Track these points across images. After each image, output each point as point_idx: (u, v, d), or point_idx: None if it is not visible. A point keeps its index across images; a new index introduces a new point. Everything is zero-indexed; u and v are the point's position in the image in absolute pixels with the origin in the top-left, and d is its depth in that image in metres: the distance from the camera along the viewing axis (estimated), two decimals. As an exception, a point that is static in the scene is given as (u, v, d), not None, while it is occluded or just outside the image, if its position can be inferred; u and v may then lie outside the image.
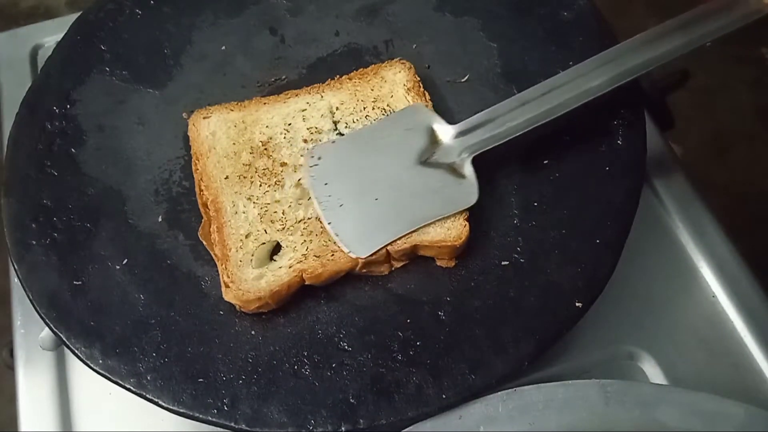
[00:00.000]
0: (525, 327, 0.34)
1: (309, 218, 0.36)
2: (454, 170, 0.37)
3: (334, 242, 0.35)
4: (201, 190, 0.38)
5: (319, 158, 0.38)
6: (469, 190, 0.36)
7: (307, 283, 0.35)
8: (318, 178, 0.37)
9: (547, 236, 0.36)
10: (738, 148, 1.00)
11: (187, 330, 0.35)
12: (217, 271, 0.36)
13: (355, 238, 0.35)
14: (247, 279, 0.35)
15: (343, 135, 0.39)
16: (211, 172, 0.38)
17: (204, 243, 0.37)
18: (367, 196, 0.36)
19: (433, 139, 0.38)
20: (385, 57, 0.43)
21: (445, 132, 0.38)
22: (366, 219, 0.36)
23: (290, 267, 0.35)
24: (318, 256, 0.35)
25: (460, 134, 0.38)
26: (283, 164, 0.38)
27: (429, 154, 0.37)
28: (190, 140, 0.39)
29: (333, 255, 0.35)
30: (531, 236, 0.37)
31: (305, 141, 0.39)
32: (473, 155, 0.37)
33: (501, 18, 0.44)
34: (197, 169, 0.38)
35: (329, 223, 0.36)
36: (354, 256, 0.35)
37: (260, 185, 0.37)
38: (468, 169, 0.37)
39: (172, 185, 0.40)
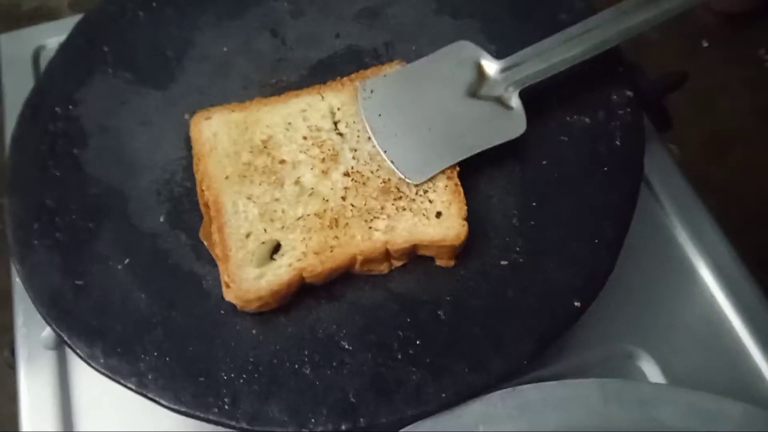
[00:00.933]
0: (524, 326, 0.34)
1: (308, 215, 0.37)
2: (502, 103, 0.38)
3: (334, 238, 0.36)
4: (202, 191, 0.38)
5: (372, 91, 0.39)
6: (517, 121, 0.38)
7: (307, 281, 0.35)
8: (371, 109, 0.39)
9: (546, 236, 0.37)
10: (736, 148, 1.00)
11: (188, 329, 0.35)
12: (219, 270, 0.36)
13: (411, 165, 0.37)
14: (248, 278, 0.35)
15: (342, 134, 0.39)
16: (212, 172, 0.38)
17: (205, 243, 0.37)
18: (420, 127, 0.38)
19: (481, 74, 0.39)
20: (385, 59, 0.44)
21: (492, 67, 0.39)
22: (420, 147, 0.38)
23: (290, 265, 0.35)
24: (317, 253, 0.35)
25: (506, 69, 0.39)
26: (282, 161, 0.38)
27: (477, 88, 0.39)
28: (192, 141, 0.40)
29: (332, 251, 0.35)
30: (530, 236, 0.37)
31: (305, 138, 0.39)
32: (520, 89, 0.38)
33: (500, 20, 0.44)
34: (198, 170, 0.39)
35: (385, 151, 0.37)
36: (410, 181, 0.36)
37: (260, 183, 0.38)
38: (515, 101, 0.38)
39: (173, 185, 0.40)
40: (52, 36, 0.51)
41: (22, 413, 0.38)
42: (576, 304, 0.34)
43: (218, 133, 0.40)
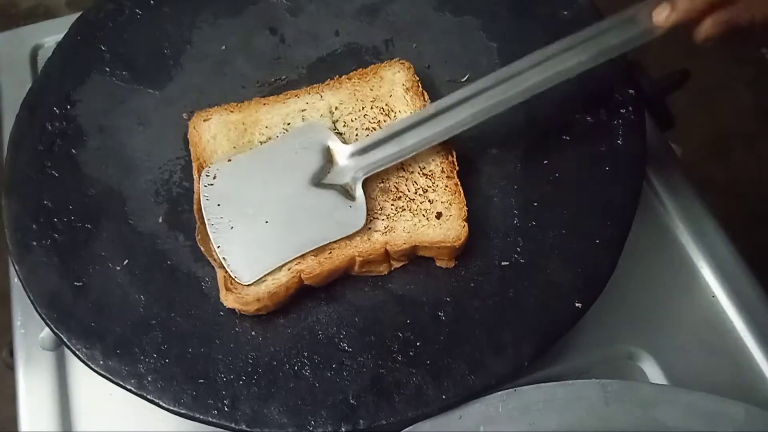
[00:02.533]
0: (525, 327, 0.34)
1: None
2: (346, 192, 0.36)
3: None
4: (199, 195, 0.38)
5: (214, 178, 0.37)
6: (358, 214, 0.36)
7: (305, 283, 0.35)
8: (211, 199, 0.36)
9: (547, 236, 0.36)
10: (738, 148, 0.99)
11: (187, 331, 0.35)
12: (218, 272, 0.36)
13: (242, 263, 0.35)
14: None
15: (341, 134, 0.39)
16: None
17: (201, 248, 0.37)
18: (257, 219, 0.36)
19: (329, 159, 0.37)
20: (385, 57, 0.43)
21: (341, 152, 0.37)
22: (255, 243, 0.35)
23: (288, 269, 0.35)
24: (315, 256, 0.35)
25: (356, 153, 0.37)
26: None
27: (323, 175, 0.36)
28: (190, 144, 0.39)
29: (330, 253, 0.35)
30: (531, 236, 0.37)
31: None
32: (367, 175, 0.36)
33: (501, 18, 0.44)
34: (198, 174, 0.38)
35: (218, 247, 0.35)
36: (239, 282, 0.34)
37: None
38: (359, 192, 0.36)
39: (172, 186, 0.40)
40: (50, 35, 0.50)
41: (21, 414, 0.38)
42: (577, 304, 0.34)
43: (217, 136, 0.39)
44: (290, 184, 0.37)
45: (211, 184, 0.37)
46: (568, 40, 0.36)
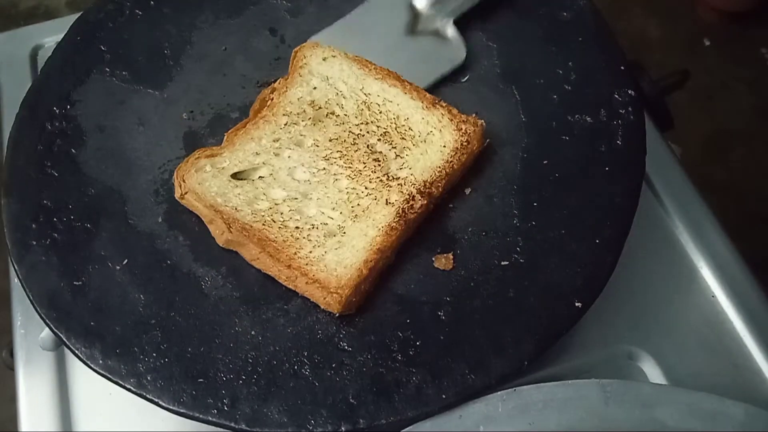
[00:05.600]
0: (525, 327, 0.34)
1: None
2: (439, 35, 0.40)
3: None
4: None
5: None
6: (457, 49, 0.41)
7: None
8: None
9: (547, 236, 0.36)
10: (737, 148, 1.00)
11: (187, 330, 0.35)
12: (217, 270, 0.36)
13: None
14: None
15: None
16: None
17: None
18: None
19: (414, 12, 0.42)
20: (384, 57, 0.43)
21: (422, 2, 0.42)
22: None
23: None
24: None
25: (437, 2, 0.41)
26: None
27: (414, 26, 0.41)
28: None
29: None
30: (531, 236, 0.37)
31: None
32: (453, 18, 0.41)
33: (501, 18, 0.44)
34: None
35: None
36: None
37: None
38: (451, 32, 0.40)
39: (172, 186, 0.40)
40: (50, 35, 0.50)
41: (21, 414, 0.38)
42: (577, 304, 0.34)
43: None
44: (388, 39, 0.41)
45: None
46: None
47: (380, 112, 0.39)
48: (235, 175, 0.38)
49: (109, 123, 0.41)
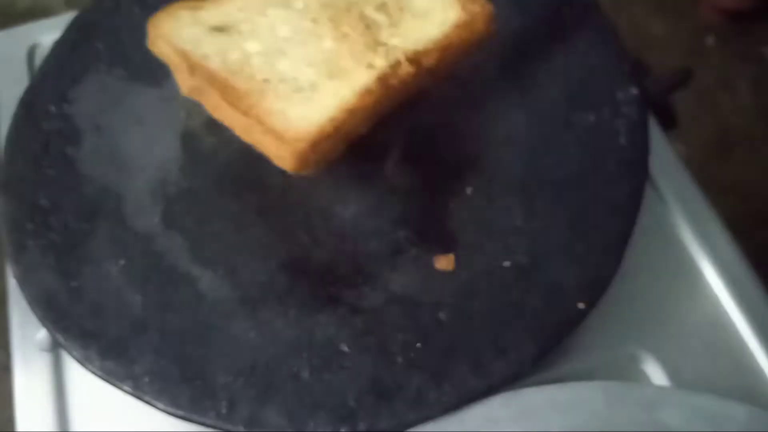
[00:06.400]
0: (527, 329, 0.34)
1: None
2: None
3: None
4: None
5: None
6: None
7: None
8: None
9: (549, 237, 0.36)
10: (742, 147, 0.99)
11: (184, 332, 0.34)
12: (215, 271, 0.36)
13: None
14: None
15: None
16: None
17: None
18: None
19: None
20: (385, 55, 0.43)
21: None
22: None
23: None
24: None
25: None
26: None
27: None
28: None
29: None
30: (533, 237, 0.36)
31: None
32: None
33: (500, 15, 0.44)
34: None
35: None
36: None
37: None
38: None
39: (169, 185, 0.39)
40: (47, 34, 0.50)
41: (18, 416, 0.37)
42: (580, 305, 0.34)
43: None
44: None
45: None
46: None
47: None
48: (214, 28, 0.35)
49: (105, 122, 0.41)
